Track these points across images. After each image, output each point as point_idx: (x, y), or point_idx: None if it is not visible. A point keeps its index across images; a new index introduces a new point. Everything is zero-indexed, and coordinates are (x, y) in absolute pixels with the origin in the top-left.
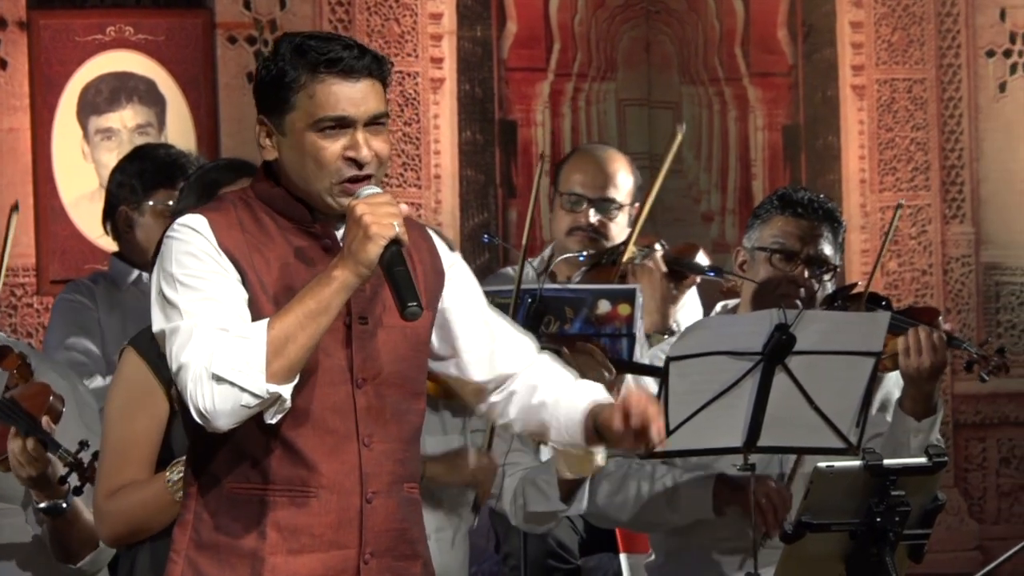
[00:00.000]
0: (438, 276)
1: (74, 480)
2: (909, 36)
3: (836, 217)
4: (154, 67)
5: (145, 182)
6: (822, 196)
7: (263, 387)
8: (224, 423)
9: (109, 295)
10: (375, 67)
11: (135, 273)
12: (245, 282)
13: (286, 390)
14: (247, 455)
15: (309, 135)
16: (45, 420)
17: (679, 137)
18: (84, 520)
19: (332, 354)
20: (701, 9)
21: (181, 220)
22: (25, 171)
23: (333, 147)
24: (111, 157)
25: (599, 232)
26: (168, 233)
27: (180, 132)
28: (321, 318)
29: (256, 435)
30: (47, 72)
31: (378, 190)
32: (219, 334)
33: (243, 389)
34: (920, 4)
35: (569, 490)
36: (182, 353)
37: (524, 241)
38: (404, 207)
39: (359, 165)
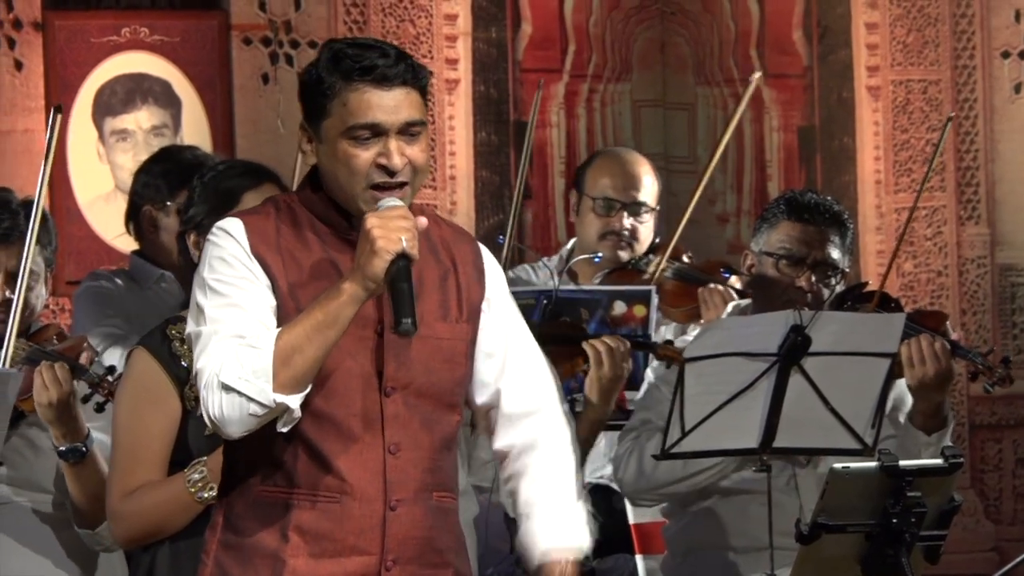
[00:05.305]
0: (480, 289)
1: (98, 397)
2: (924, 37)
3: (843, 220)
4: (169, 68)
5: (170, 183)
6: (829, 199)
7: (270, 397)
8: (234, 430)
9: (130, 291)
10: (410, 75)
11: (158, 272)
12: (274, 288)
13: (293, 401)
14: (274, 458)
15: (342, 142)
16: (85, 356)
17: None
18: (103, 472)
19: (361, 361)
20: (716, 10)
21: (219, 223)
22: (38, 172)
23: (365, 155)
24: (126, 158)
25: (633, 236)
26: (207, 236)
27: (196, 133)
28: (328, 331)
29: (283, 439)
30: (62, 73)
31: (398, 203)
32: (234, 342)
33: (250, 399)
34: (935, 5)
35: None
36: (199, 359)
37: (507, 245)
38: (422, 221)
39: (390, 172)
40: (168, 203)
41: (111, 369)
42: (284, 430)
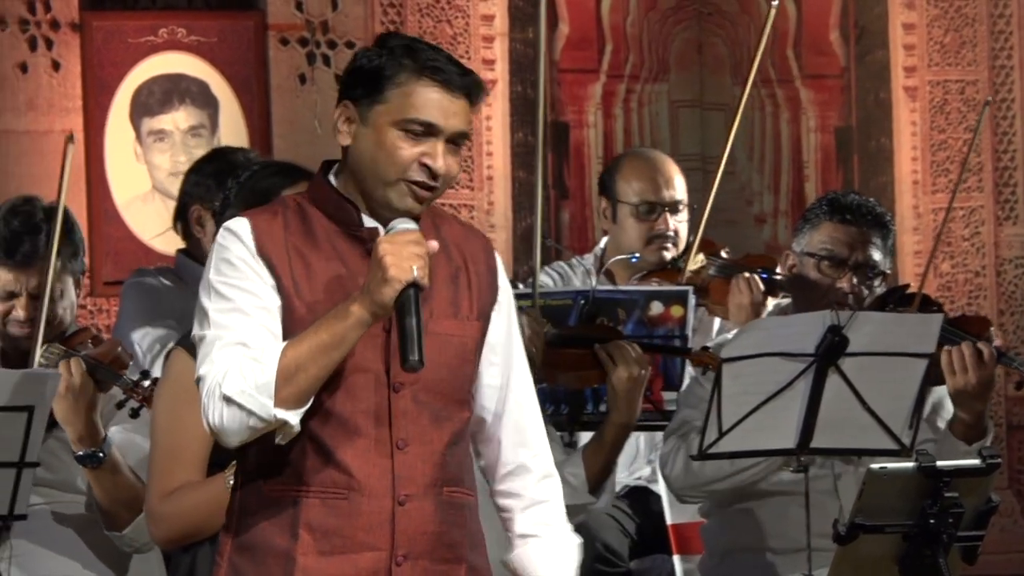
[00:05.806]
0: (492, 291)
1: (133, 403)
2: (961, 38)
3: (885, 222)
4: (206, 69)
5: (221, 183)
6: (871, 200)
7: (270, 412)
8: (233, 440)
9: (176, 290)
10: (473, 90)
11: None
12: (280, 288)
13: (293, 416)
14: (283, 457)
15: (392, 131)
16: (119, 360)
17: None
18: (125, 476)
19: (369, 358)
20: (753, 11)
21: (226, 224)
22: (77, 173)
23: (412, 150)
24: (164, 159)
25: (677, 236)
26: (216, 238)
27: (233, 134)
28: (333, 352)
29: (292, 438)
30: (100, 74)
31: (411, 226)
32: (237, 351)
33: (250, 413)
34: (972, 5)
35: (597, 482)
36: (202, 364)
37: (536, 244)
38: (433, 244)
39: (431, 174)
40: (217, 203)
41: (145, 374)
42: (282, 443)
